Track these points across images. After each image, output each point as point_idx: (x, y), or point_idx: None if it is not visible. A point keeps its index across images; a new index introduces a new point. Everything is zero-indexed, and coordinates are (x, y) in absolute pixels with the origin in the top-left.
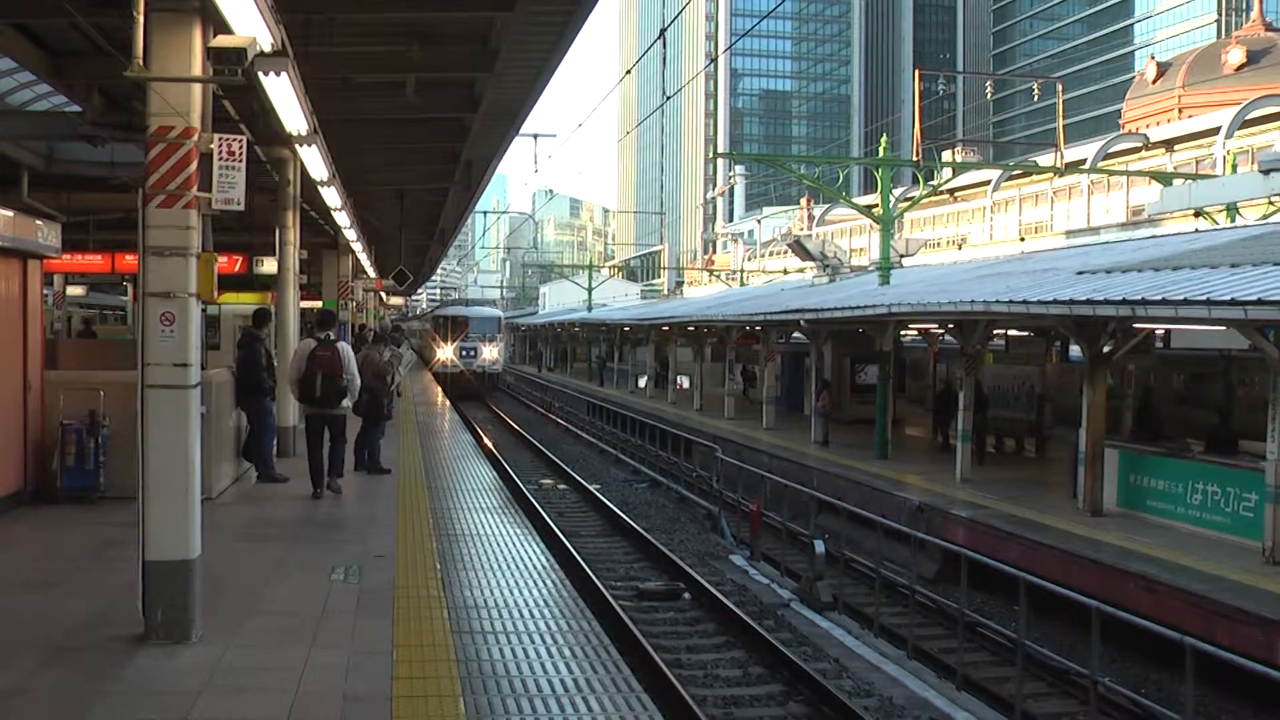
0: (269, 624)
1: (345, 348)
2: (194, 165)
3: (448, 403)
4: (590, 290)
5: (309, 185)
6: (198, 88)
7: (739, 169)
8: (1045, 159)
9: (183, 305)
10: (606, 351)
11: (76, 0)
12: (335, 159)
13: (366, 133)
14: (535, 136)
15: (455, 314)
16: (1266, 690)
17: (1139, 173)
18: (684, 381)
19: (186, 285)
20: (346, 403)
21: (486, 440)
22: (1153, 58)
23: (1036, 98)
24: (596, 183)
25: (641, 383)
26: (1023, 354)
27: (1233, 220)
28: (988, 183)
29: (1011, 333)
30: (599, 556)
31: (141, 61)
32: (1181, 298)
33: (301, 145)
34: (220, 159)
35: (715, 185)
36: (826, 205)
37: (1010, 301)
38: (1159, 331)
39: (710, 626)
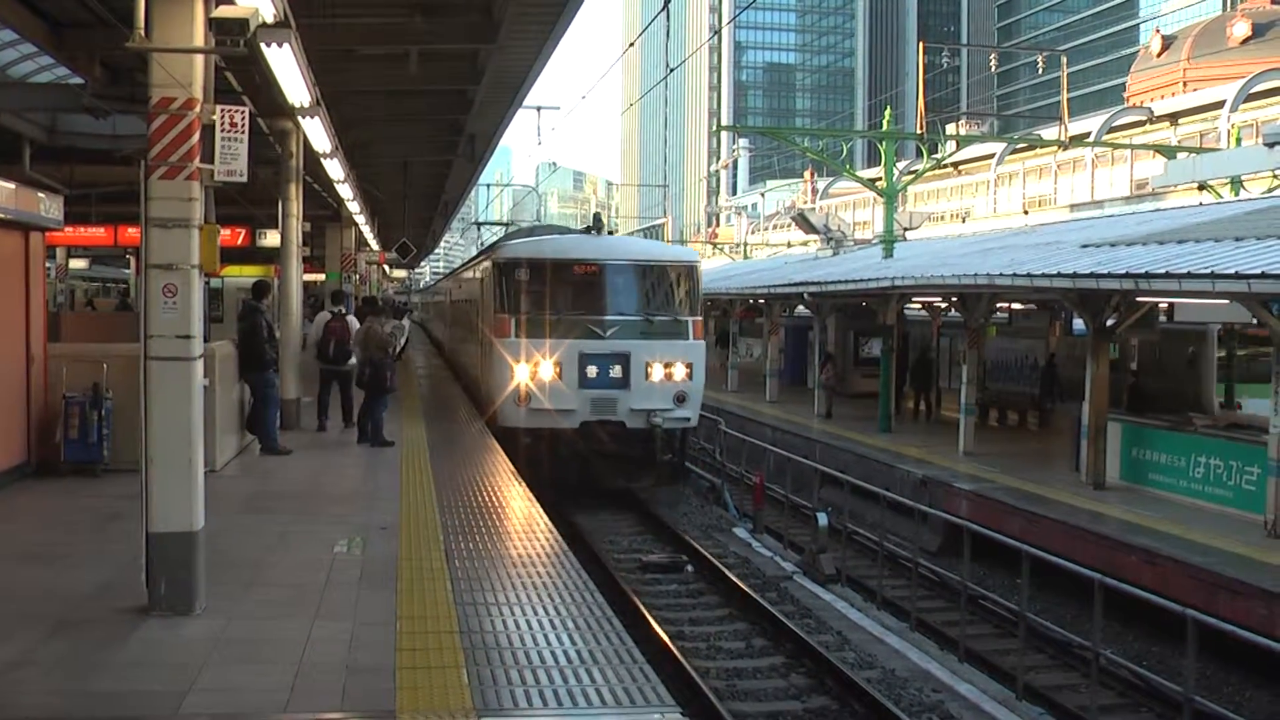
0: (272, 596)
1: (353, 319)
2: (196, 137)
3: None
4: None
5: (312, 157)
6: (200, 59)
7: (742, 142)
8: (1049, 132)
9: (185, 277)
10: None
11: None
12: (338, 131)
13: (369, 105)
14: (539, 109)
15: (563, 257)
16: (1268, 663)
17: (1143, 146)
18: None
19: (189, 257)
20: (352, 361)
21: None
22: (1158, 30)
23: (1041, 71)
24: (600, 155)
25: None
26: (1027, 327)
27: (1237, 194)
28: (992, 156)
29: (1015, 306)
30: (602, 529)
31: (143, 32)
32: (1185, 271)
33: (304, 117)
34: (223, 130)
35: (719, 158)
36: (830, 178)
37: (1014, 275)
38: (1162, 305)
39: (713, 599)
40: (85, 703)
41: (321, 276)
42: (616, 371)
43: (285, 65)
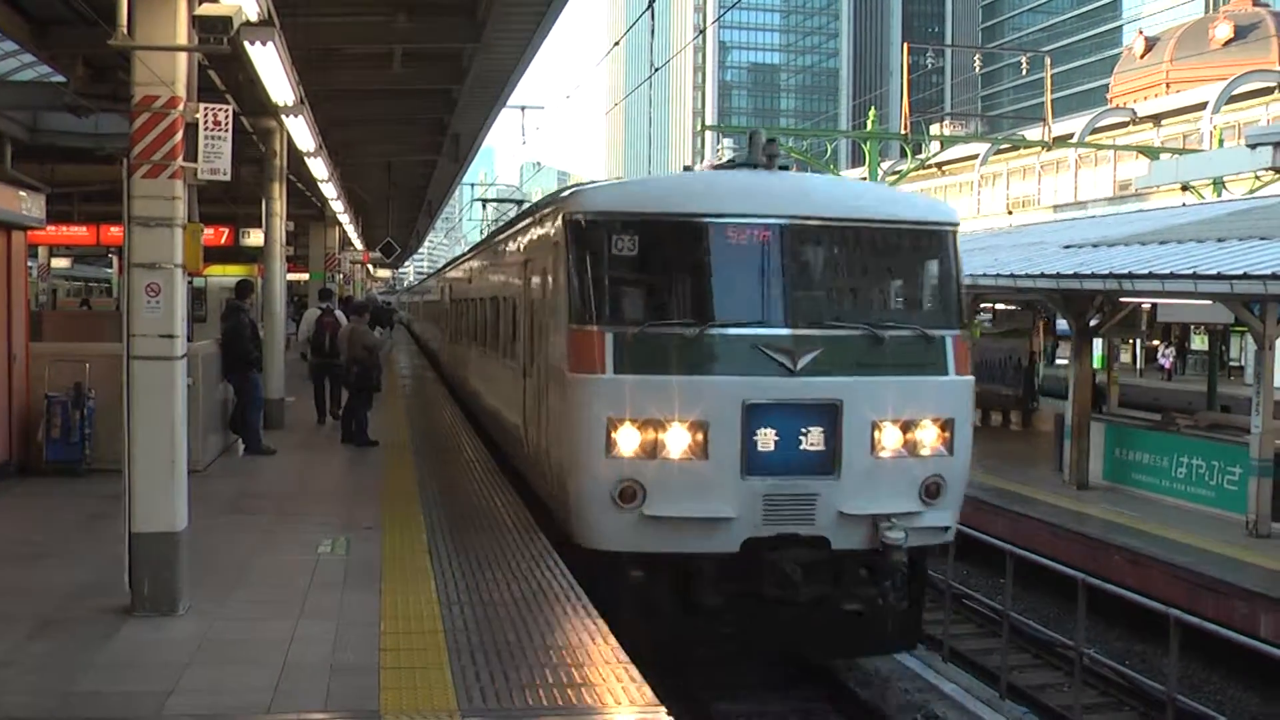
0: (256, 596)
1: (340, 314)
2: (179, 135)
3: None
4: None
5: (296, 156)
6: (183, 57)
7: (727, 142)
8: (1033, 133)
9: (168, 276)
10: None
11: None
12: (322, 130)
13: (354, 104)
14: (523, 108)
15: (705, 212)
16: (1249, 662)
17: (1126, 147)
18: None
19: (172, 256)
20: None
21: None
22: (1141, 32)
23: (1025, 72)
24: (584, 155)
25: None
26: (1010, 328)
27: (1219, 195)
28: (975, 156)
29: (999, 306)
30: None
31: (126, 30)
32: (1168, 271)
33: (288, 116)
34: (206, 129)
35: (703, 158)
36: None
37: (997, 275)
38: (1145, 305)
39: None
40: (68, 703)
41: (305, 276)
42: (814, 440)
43: (269, 64)
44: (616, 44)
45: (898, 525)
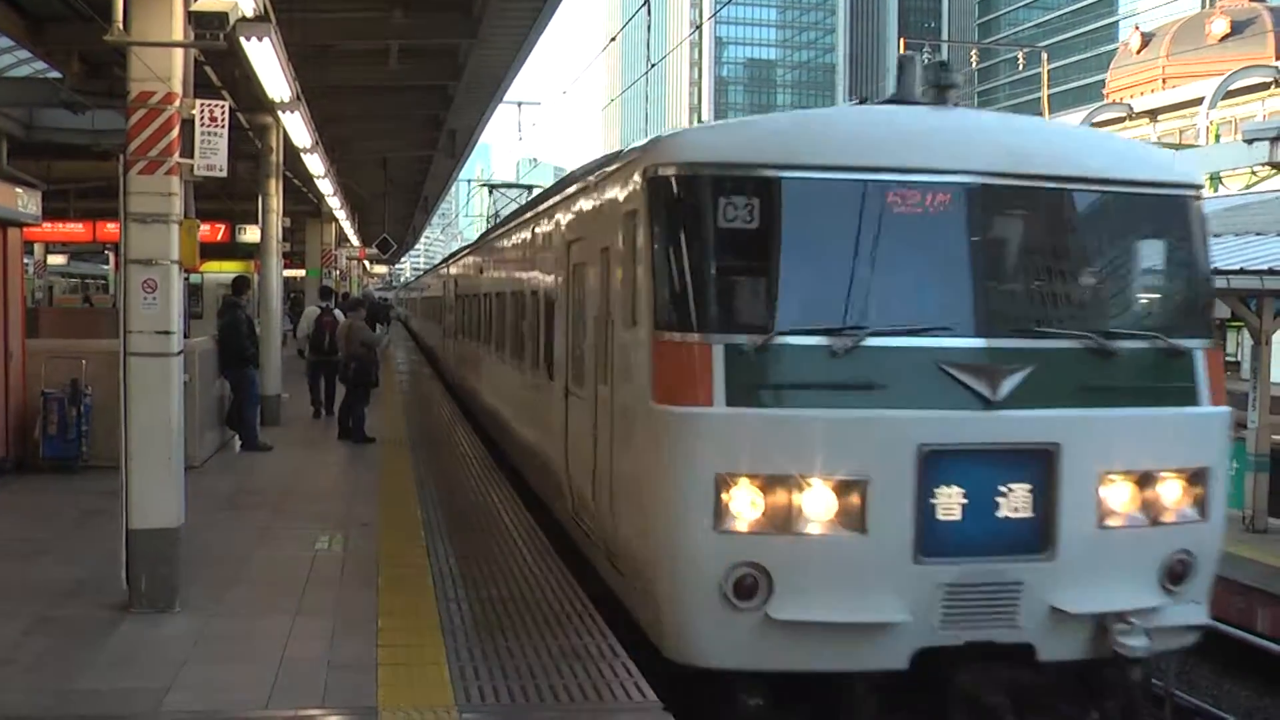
0: (253, 592)
1: (339, 313)
2: (175, 131)
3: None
4: None
5: (292, 152)
6: (179, 53)
7: None
8: None
9: (165, 273)
10: None
11: None
12: (318, 126)
13: (350, 100)
14: (519, 104)
15: (857, 166)
16: (1245, 657)
17: None
18: None
19: (168, 252)
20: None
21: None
22: (1137, 27)
23: (1021, 67)
24: (581, 150)
25: None
26: None
27: (1216, 190)
28: None
29: None
30: None
31: (122, 26)
32: None
33: (284, 112)
34: (202, 125)
35: None
36: None
37: None
38: None
39: None
40: (66, 700)
41: (301, 272)
42: (1018, 503)
43: (265, 60)
44: (613, 39)
45: (1134, 627)
